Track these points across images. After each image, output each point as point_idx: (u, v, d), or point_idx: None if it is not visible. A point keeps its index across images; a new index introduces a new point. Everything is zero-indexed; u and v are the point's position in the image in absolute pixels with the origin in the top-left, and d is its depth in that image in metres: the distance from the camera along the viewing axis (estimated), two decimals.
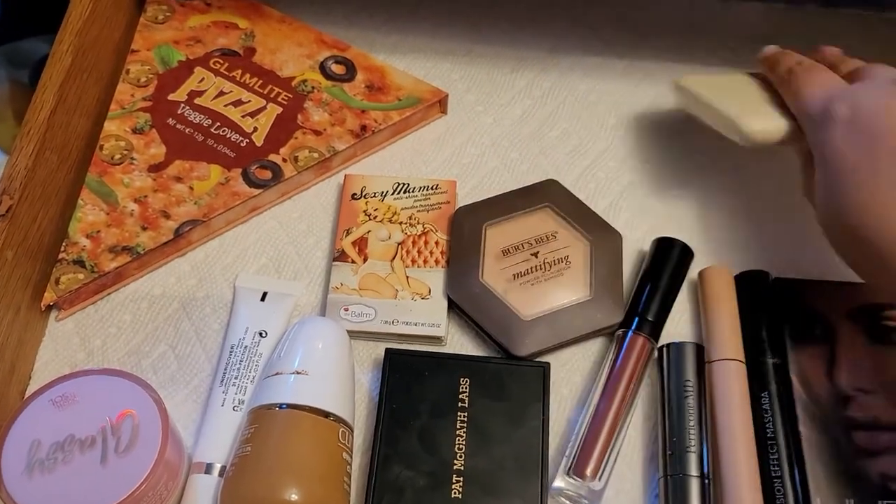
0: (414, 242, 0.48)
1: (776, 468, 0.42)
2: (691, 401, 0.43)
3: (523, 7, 0.60)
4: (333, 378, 0.41)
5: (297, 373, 0.40)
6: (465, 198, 0.51)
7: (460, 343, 0.47)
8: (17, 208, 0.43)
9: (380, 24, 0.59)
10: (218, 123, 0.52)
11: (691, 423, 0.42)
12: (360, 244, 0.48)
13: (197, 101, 0.52)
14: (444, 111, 0.55)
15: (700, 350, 0.45)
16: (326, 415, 0.40)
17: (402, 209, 0.49)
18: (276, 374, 0.41)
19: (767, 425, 0.43)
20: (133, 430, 0.38)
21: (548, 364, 0.44)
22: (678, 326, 0.47)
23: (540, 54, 0.58)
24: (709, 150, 0.53)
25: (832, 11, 0.55)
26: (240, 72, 0.54)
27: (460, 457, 0.41)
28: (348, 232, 0.49)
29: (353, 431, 0.41)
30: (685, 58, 0.58)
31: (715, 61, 0.58)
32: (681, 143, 0.54)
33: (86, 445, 0.38)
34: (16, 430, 0.38)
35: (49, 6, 0.56)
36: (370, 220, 0.49)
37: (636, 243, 0.50)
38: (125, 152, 0.50)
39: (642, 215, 0.51)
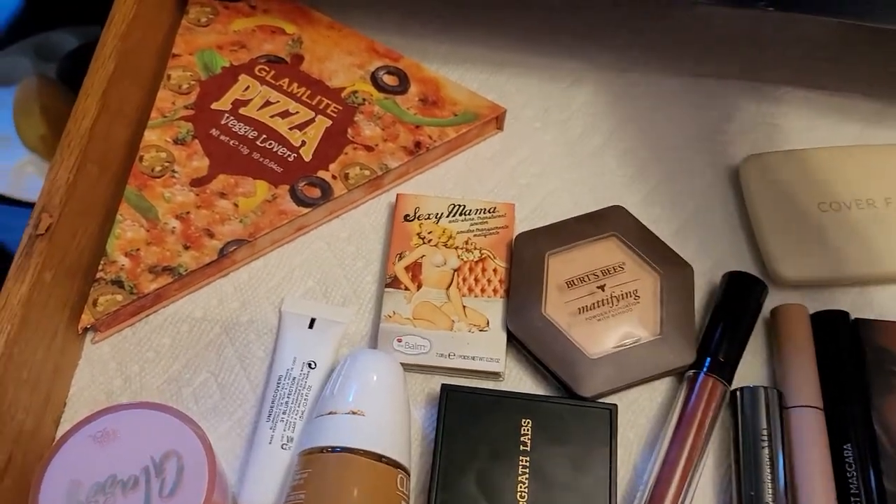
0: (471, 269, 0.46)
1: None
2: (768, 451, 0.40)
3: (583, 19, 0.57)
4: (390, 419, 0.38)
5: (353, 413, 0.38)
6: (523, 220, 0.48)
7: (519, 379, 0.44)
8: (57, 226, 0.40)
9: (433, 32, 0.56)
10: (264, 136, 0.49)
11: (768, 476, 0.40)
12: (414, 270, 0.45)
13: (241, 110, 0.50)
14: (500, 127, 0.52)
15: (777, 395, 0.42)
16: (384, 459, 0.37)
17: (458, 233, 0.47)
18: (330, 413, 0.38)
19: (851, 480, 0.40)
20: (178, 472, 0.36)
21: (615, 406, 0.41)
22: (750, 367, 0.45)
23: (600, 68, 0.55)
24: None
25: None
26: (287, 80, 0.51)
27: None
28: (401, 256, 0.46)
29: (409, 476, 0.39)
30: (749, 75, 0.55)
31: (776, 78, 0.54)
32: None
33: (128, 487, 0.36)
34: (54, 469, 0.36)
35: None
36: (424, 243, 0.46)
37: (705, 275, 0.47)
38: (166, 164, 0.47)
39: (712, 244, 0.48)
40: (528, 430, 0.41)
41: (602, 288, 0.44)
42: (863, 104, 0.54)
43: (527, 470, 0.40)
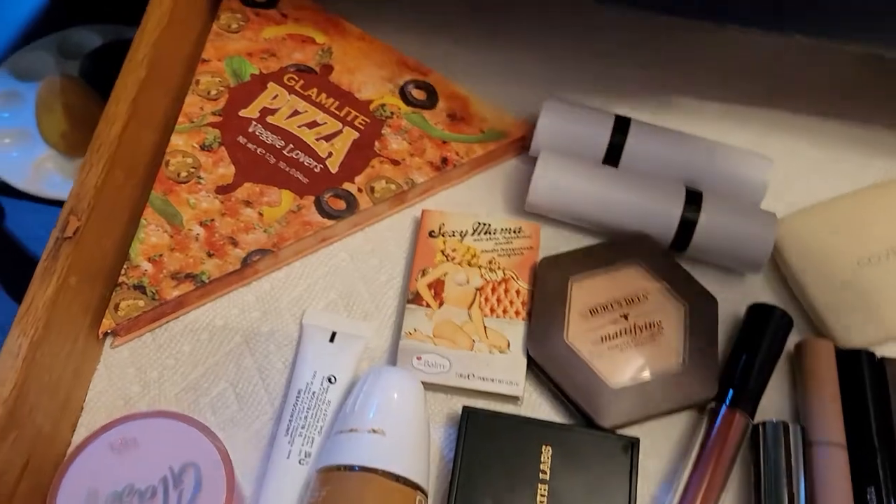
0: (493, 289, 0.45)
1: None
2: (789, 488, 0.40)
3: (609, 40, 0.56)
4: (411, 439, 0.38)
5: (373, 431, 0.38)
6: (547, 241, 0.48)
7: (537, 404, 0.44)
8: (84, 230, 0.40)
9: (463, 47, 0.55)
10: (291, 145, 0.49)
11: None
12: (437, 287, 0.45)
13: (269, 119, 0.50)
14: (528, 146, 0.52)
15: (799, 431, 0.41)
16: (403, 480, 0.37)
17: (483, 252, 0.46)
18: (351, 430, 0.38)
19: None
20: (196, 484, 0.36)
21: (637, 440, 0.41)
22: (773, 401, 0.44)
23: (632, 88, 0.54)
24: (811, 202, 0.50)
25: None
26: (315, 91, 0.51)
27: None
28: (424, 272, 0.46)
29: (427, 497, 0.38)
30: (773, 103, 0.54)
31: (803, 105, 0.54)
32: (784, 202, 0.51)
33: (146, 498, 0.35)
34: (71, 476, 0.36)
35: None
36: (448, 261, 0.46)
37: (728, 306, 0.47)
38: (192, 170, 0.47)
39: (735, 277, 0.48)
40: (547, 457, 0.40)
41: (625, 317, 0.44)
42: (888, 137, 0.53)
43: (545, 498, 0.39)
